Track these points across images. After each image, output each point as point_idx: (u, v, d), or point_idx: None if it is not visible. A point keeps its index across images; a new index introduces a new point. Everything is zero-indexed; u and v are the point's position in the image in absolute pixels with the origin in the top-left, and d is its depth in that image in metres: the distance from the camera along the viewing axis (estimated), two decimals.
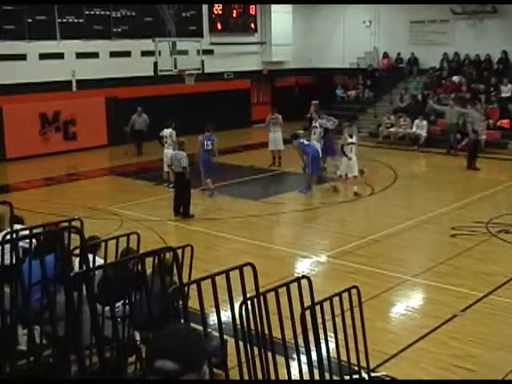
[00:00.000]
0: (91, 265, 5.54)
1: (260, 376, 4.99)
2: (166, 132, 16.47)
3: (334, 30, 28.56)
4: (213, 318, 6.24)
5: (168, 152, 15.83)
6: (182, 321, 5.35)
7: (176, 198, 13.66)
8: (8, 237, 5.50)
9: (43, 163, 19.74)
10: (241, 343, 4.85)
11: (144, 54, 22.35)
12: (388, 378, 6.83)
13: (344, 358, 5.38)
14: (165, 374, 2.35)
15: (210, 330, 5.53)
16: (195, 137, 18.39)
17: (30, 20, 20.39)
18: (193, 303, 5.40)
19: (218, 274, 4.86)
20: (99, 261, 6.11)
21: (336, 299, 5.23)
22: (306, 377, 5.07)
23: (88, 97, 21.75)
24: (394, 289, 9.48)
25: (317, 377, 5.08)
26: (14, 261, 5.21)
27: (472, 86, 23.74)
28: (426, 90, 24.77)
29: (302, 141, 15.61)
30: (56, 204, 14.53)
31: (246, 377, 4.97)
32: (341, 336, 5.26)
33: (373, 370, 6.40)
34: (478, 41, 24.54)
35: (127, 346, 5.57)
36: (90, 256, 5.70)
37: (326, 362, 5.18)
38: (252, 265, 5.06)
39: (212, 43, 25.04)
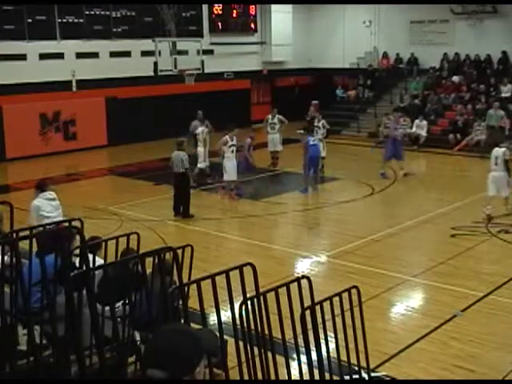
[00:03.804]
0: (91, 265, 5.55)
1: (260, 376, 4.99)
2: (200, 130, 16.82)
3: (334, 30, 28.55)
4: (213, 318, 6.25)
5: (199, 150, 16.48)
6: (182, 321, 5.35)
7: (176, 197, 13.66)
8: None
9: (43, 163, 19.73)
10: (241, 343, 4.85)
11: (144, 53, 22.35)
12: (388, 378, 6.83)
13: (344, 358, 5.38)
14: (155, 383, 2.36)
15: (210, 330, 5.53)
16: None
17: (30, 20, 20.37)
18: (193, 303, 5.40)
19: (218, 273, 4.87)
20: (99, 261, 6.11)
21: (336, 299, 5.23)
22: (306, 377, 5.07)
23: (88, 97, 21.74)
24: (394, 289, 9.48)
25: (317, 377, 5.08)
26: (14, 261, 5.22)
27: (472, 86, 23.74)
28: (426, 90, 24.78)
29: (308, 139, 15.60)
30: None
31: (246, 377, 4.97)
32: (341, 336, 5.26)
33: (373, 370, 6.40)
34: (478, 41, 24.53)
35: (127, 346, 5.57)
36: (90, 256, 5.70)
37: (326, 361, 5.18)
38: (252, 265, 5.06)
39: (212, 43, 25.04)
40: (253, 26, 26.90)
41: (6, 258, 5.34)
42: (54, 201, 9.23)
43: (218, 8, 25.44)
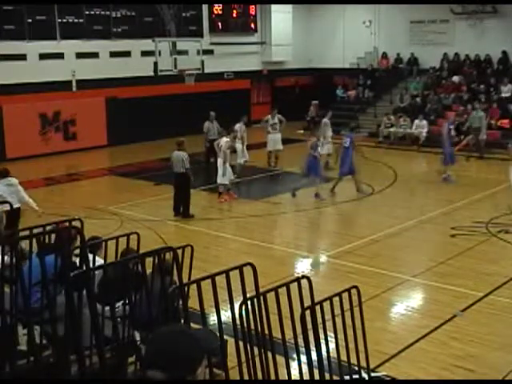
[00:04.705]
0: (91, 265, 5.55)
1: (260, 376, 4.99)
2: (238, 126, 17.02)
3: (334, 30, 28.55)
4: (213, 318, 6.25)
5: (237, 146, 16.83)
6: (182, 321, 5.35)
7: (176, 197, 13.66)
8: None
9: (43, 163, 19.74)
10: (241, 343, 4.85)
11: (144, 53, 22.34)
12: (388, 378, 6.84)
13: (344, 357, 5.38)
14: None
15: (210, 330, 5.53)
16: (194, 137, 18.45)
17: (30, 20, 20.35)
18: (193, 303, 5.40)
19: (218, 273, 4.87)
20: (99, 261, 6.11)
21: (336, 299, 5.23)
22: (306, 377, 5.07)
23: (88, 97, 21.74)
24: (394, 289, 9.48)
25: (317, 377, 5.08)
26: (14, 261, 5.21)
27: (472, 86, 23.74)
28: (426, 90, 24.78)
29: (346, 139, 15.45)
30: (56, 204, 14.53)
31: (246, 377, 4.97)
32: (341, 336, 5.26)
33: (373, 370, 6.40)
34: (477, 41, 24.53)
35: (127, 346, 5.57)
36: (90, 256, 5.70)
37: (326, 362, 5.18)
38: (252, 265, 5.06)
39: (212, 43, 25.03)
40: (253, 25, 26.88)
41: (6, 257, 5.34)
42: (11, 186, 10.72)
43: (218, 8, 25.42)
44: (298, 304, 4.99)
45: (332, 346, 5.38)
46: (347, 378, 5.63)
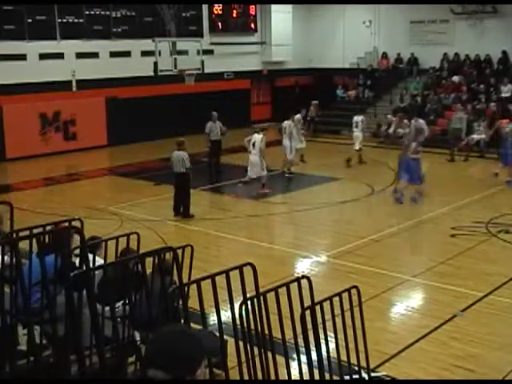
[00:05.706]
0: (91, 265, 5.55)
1: (260, 376, 4.99)
2: (286, 124, 17.24)
3: (334, 30, 28.55)
4: (213, 318, 6.25)
5: (286, 143, 17.15)
6: (182, 321, 5.35)
7: (176, 197, 13.66)
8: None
9: (43, 163, 19.74)
10: (241, 343, 4.85)
11: (144, 53, 22.34)
12: (388, 378, 6.84)
13: (344, 357, 5.38)
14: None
15: (210, 329, 5.53)
16: (195, 136, 18.44)
17: (30, 20, 20.35)
18: (193, 303, 5.40)
19: (218, 273, 4.87)
20: (99, 261, 6.11)
21: (336, 299, 5.23)
22: (306, 377, 5.07)
23: (88, 97, 21.73)
24: (394, 289, 9.48)
25: (317, 377, 5.08)
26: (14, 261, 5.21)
27: (472, 86, 23.74)
28: (426, 90, 24.78)
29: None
30: (56, 204, 14.53)
31: (246, 377, 4.97)
32: (341, 336, 5.26)
33: (373, 370, 6.40)
34: (477, 41, 24.54)
35: (127, 346, 5.57)
36: (90, 256, 5.70)
37: (326, 362, 5.18)
38: (252, 265, 5.06)
39: (212, 43, 25.03)
40: (253, 25, 26.88)
41: (5, 257, 5.34)
42: None
43: (218, 8, 25.43)
44: (298, 304, 4.99)
45: (332, 345, 5.38)
46: (347, 377, 5.63)
